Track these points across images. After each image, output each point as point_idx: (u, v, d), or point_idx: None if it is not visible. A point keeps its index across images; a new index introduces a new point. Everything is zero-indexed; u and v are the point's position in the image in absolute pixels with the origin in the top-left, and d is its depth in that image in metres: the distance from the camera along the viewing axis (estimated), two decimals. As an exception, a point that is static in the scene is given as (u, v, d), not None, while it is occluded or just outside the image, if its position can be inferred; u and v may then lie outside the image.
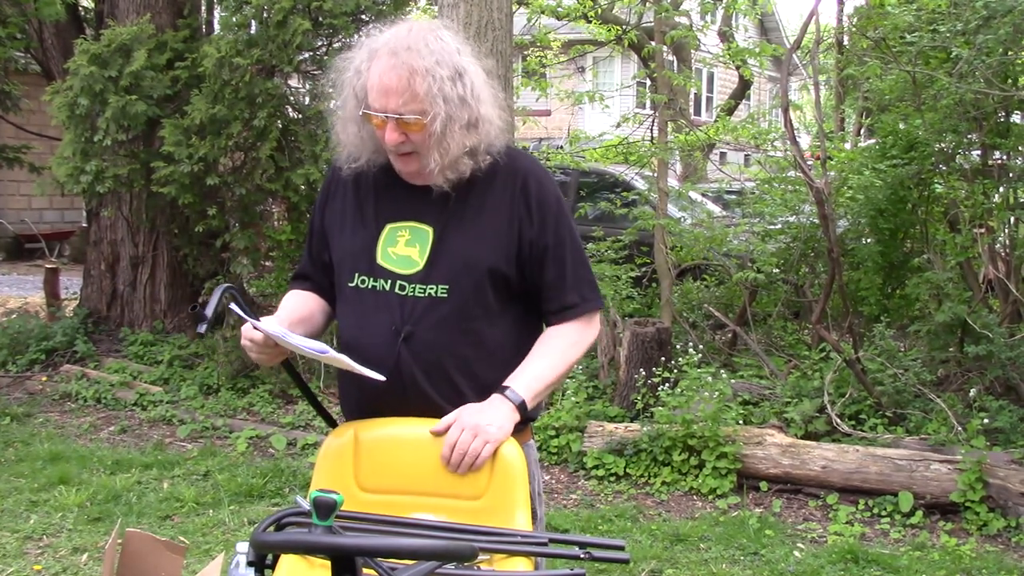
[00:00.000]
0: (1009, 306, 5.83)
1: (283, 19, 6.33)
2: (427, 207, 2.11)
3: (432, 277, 2.08)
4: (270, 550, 1.85)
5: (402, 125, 2.01)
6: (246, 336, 2.08)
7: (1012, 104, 5.81)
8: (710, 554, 4.30)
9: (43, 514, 4.59)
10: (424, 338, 2.07)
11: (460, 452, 1.98)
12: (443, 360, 2.07)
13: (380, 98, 1.99)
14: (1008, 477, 4.59)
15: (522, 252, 2.11)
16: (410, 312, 2.07)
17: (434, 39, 2.03)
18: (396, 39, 2.01)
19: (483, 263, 2.08)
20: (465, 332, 2.08)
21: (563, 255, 2.14)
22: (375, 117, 2.02)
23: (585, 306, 2.16)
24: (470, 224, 2.10)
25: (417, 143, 2.03)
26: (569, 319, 2.16)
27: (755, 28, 26.08)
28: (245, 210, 6.90)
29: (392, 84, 1.98)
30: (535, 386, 2.08)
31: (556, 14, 11.59)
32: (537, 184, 2.14)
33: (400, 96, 1.98)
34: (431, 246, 2.09)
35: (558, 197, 2.17)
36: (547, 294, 2.15)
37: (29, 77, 9.67)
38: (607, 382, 6.30)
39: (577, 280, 2.15)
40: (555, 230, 2.13)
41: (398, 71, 1.97)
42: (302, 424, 6.13)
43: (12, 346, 7.34)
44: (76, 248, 13.18)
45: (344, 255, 2.17)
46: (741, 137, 9.24)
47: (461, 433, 1.99)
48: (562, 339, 2.15)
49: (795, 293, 7.39)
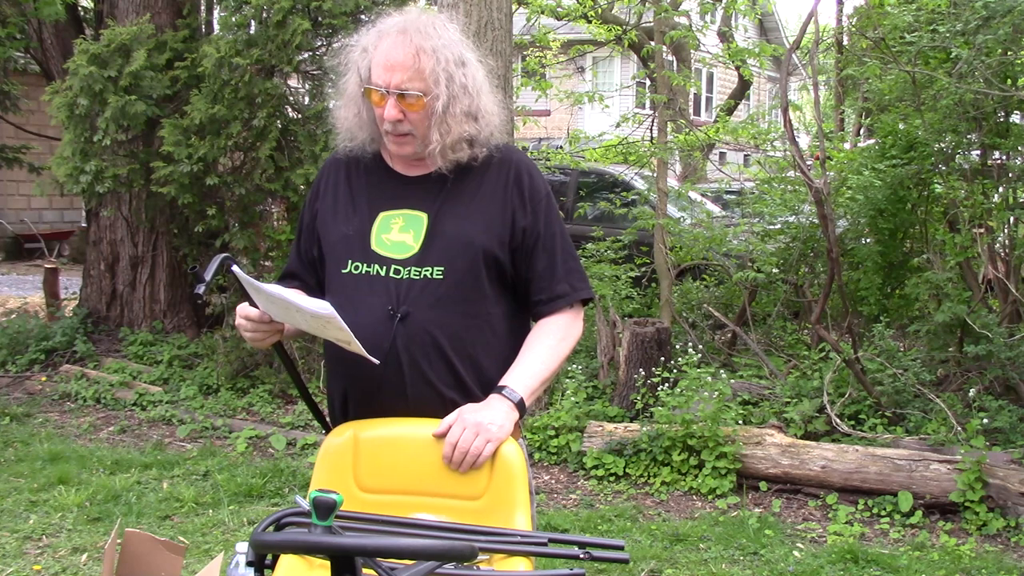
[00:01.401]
0: (1008, 306, 5.83)
1: (283, 19, 6.33)
2: (420, 195, 2.14)
3: (427, 259, 2.09)
4: (269, 550, 1.85)
5: (402, 102, 2.04)
6: (241, 314, 2.09)
7: (1011, 104, 5.80)
8: (709, 554, 4.30)
9: (43, 514, 4.59)
10: (420, 318, 2.07)
11: (462, 451, 1.98)
12: (439, 340, 2.08)
13: (384, 73, 2.03)
14: (1008, 477, 4.59)
15: (515, 239, 2.14)
16: (406, 293, 2.08)
17: (442, 26, 2.09)
18: (406, 20, 2.07)
19: (477, 244, 2.10)
20: (461, 313, 2.10)
21: (553, 246, 2.17)
22: (375, 93, 2.05)
23: (575, 296, 2.18)
24: (464, 208, 2.13)
25: (414, 123, 2.06)
26: (559, 309, 2.17)
27: (755, 28, 26.10)
28: (245, 210, 6.91)
29: (398, 59, 2.02)
30: (531, 383, 2.10)
31: (556, 14, 11.60)
32: (529, 176, 2.19)
33: (405, 72, 2.02)
34: (426, 230, 2.11)
35: (547, 192, 2.22)
36: (537, 284, 2.17)
37: (29, 77, 9.69)
38: (606, 382, 6.30)
39: (567, 271, 2.18)
40: (546, 221, 2.17)
41: (405, 47, 2.02)
42: (302, 424, 6.13)
43: (12, 346, 7.34)
44: (76, 248, 13.19)
45: (336, 243, 2.18)
46: (741, 137, 9.24)
47: (463, 432, 1.99)
48: (553, 335, 2.16)
49: (795, 293, 7.39)
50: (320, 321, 2.00)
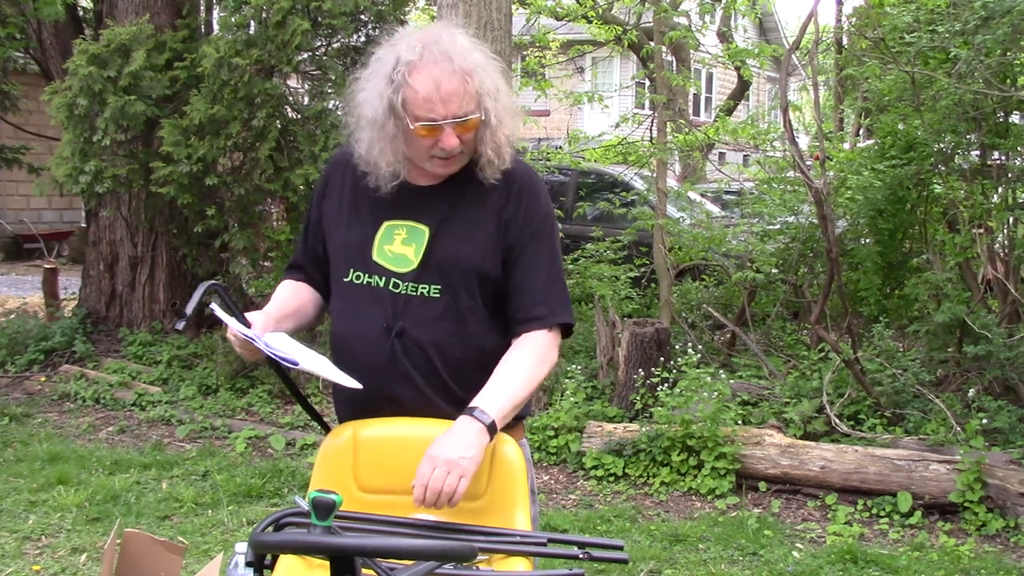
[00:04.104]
0: (1008, 306, 5.83)
1: (282, 19, 6.33)
2: (425, 206, 2.12)
3: (424, 276, 2.09)
4: (269, 550, 1.85)
5: (459, 128, 2.02)
6: (230, 332, 2.09)
7: (1011, 104, 5.80)
8: (709, 554, 4.30)
9: (42, 514, 4.59)
10: (415, 335, 2.08)
11: (434, 491, 1.91)
12: (433, 358, 2.08)
13: (440, 107, 1.99)
14: (1007, 477, 4.59)
15: (506, 257, 2.12)
16: (403, 309, 2.09)
17: (462, 38, 2.07)
18: (437, 45, 2.01)
19: (472, 264, 2.09)
20: (457, 332, 2.09)
21: (538, 265, 2.12)
22: (428, 128, 2.00)
23: (552, 319, 2.12)
24: (462, 226, 2.11)
25: (467, 143, 2.05)
26: (534, 329, 2.11)
27: (754, 28, 26.10)
28: (244, 210, 6.90)
29: (452, 88, 1.99)
30: (504, 405, 2.02)
31: (555, 14, 11.60)
32: (531, 195, 2.15)
33: (460, 99, 2.00)
34: (426, 246, 2.10)
35: (547, 213, 2.18)
36: (516, 302, 2.12)
37: (28, 77, 9.68)
38: (606, 382, 6.30)
39: (550, 293, 2.13)
40: (536, 241, 2.13)
41: (454, 76, 1.99)
42: (301, 424, 6.13)
43: (11, 346, 7.34)
44: (75, 248, 13.18)
45: (340, 250, 2.18)
46: (740, 137, 9.24)
47: (433, 471, 1.91)
48: (529, 357, 2.09)
49: (794, 293, 7.39)
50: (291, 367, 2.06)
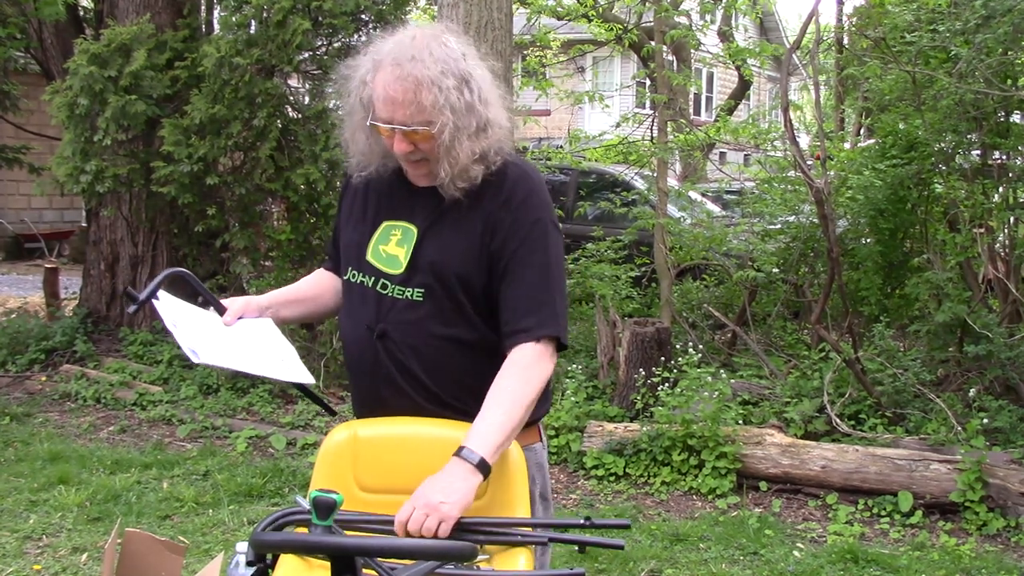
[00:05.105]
0: (1009, 306, 5.83)
1: (283, 19, 6.33)
2: (420, 208, 2.12)
3: (411, 280, 2.08)
4: (269, 550, 1.85)
5: (410, 135, 1.99)
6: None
7: (1012, 104, 5.80)
8: (709, 554, 4.30)
9: (43, 514, 4.59)
10: (395, 338, 2.08)
11: (414, 533, 1.84)
12: (410, 361, 2.07)
13: (386, 109, 1.97)
14: (1008, 477, 4.59)
15: (493, 263, 2.05)
16: (387, 311, 2.09)
17: (438, 46, 1.99)
18: (400, 48, 1.98)
19: (454, 270, 2.05)
20: (437, 336, 2.07)
21: (528, 275, 2.04)
22: (383, 128, 2.01)
23: (539, 331, 2.01)
24: (449, 230, 2.07)
25: (427, 151, 2.03)
26: (521, 343, 2.01)
27: (755, 28, 26.07)
28: (245, 210, 6.90)
29: (398, 96, 1.95)
30: (494, 438, 1.92)
31: (556, 14, 11.60)
32: (523, 200, 2.07)
33: (407, 108, 1.96)
34: (413, 248, 2.09)
35: (540, 219, 2.07)
36: (505, 313, 2.05)
37: (29, 77, 9.68)
38: (607, 382, 6.30)
39: (539, 304, 2.03)
40: (528, 248, 2.04)
41: (403, 83, 1.95)
42: (302, 424, 6.13)
43: (12, 346, 7.34)
44: (76, 248, 13.18)
45: (345, 248, 2.22)
46: (741, 137, 9.24)
47: (413, 512, 1.84)
48: (513, 379, 1.98)
49: (795, 293, 7.39)
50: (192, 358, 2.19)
